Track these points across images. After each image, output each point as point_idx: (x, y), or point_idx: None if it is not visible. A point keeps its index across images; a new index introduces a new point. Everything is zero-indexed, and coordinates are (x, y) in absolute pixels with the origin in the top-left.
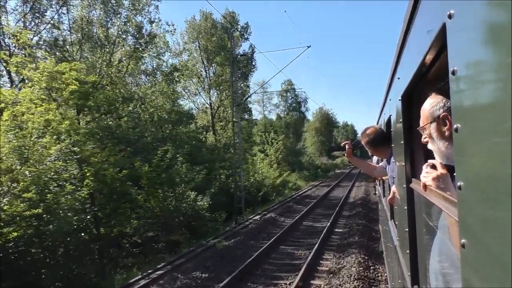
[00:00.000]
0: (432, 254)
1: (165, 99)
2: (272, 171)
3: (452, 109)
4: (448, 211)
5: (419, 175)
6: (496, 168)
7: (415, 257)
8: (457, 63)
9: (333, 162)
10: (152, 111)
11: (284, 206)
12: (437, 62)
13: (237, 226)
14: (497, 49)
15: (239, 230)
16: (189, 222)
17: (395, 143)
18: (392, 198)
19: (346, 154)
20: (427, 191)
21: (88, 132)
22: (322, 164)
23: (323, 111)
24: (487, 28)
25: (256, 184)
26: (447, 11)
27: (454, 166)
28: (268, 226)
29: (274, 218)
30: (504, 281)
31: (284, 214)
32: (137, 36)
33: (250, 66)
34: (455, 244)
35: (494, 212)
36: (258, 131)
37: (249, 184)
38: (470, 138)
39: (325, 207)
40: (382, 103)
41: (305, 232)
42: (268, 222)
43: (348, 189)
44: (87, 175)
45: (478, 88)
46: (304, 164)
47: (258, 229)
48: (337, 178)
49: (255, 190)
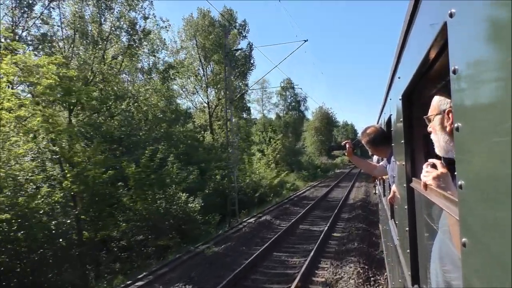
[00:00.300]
0: (433, 254)
1: (159, 97)
2: (269, 171)
3: (453, 108)
4: (449, 210)
5: (420, 174)
6: (497, 167)
7: (415, 256)
8: (458, 62)
9: (333, 161)
10: (146, 109)
11: (281, 208)
12: (438, 61)
13: (230, 230)
14: (498, 48)
15: (231, 234)
16: (180, 226)
17: (396, 142)
18: (393, 197)
19: (347, 153)
20: (427, 190)
21: (66, 130)
22: (321, 164)
23: (323, 111)
24: (489, 26)
25: (253, 185)
26: (448, 10)
27: (453, 161)
28: (262, 230)
29: (270, 221)
30: (504, 280)
31: (280, 217)
32: (130, 32)
33: (248, 64)
34: (456, 244)
35: (495, 211)
36: (257, 131)
37: (245, 184)
38: (471, 137)
39: (323, 209)
40: (383, 102)
41: (301, 237)
42: (263, 226)
43: (348, 190)
44: (68, 176)
45: (479, 87)
46: (304, 164)
47: (252, 233)
48: (336, 178)
49: (251, 191)
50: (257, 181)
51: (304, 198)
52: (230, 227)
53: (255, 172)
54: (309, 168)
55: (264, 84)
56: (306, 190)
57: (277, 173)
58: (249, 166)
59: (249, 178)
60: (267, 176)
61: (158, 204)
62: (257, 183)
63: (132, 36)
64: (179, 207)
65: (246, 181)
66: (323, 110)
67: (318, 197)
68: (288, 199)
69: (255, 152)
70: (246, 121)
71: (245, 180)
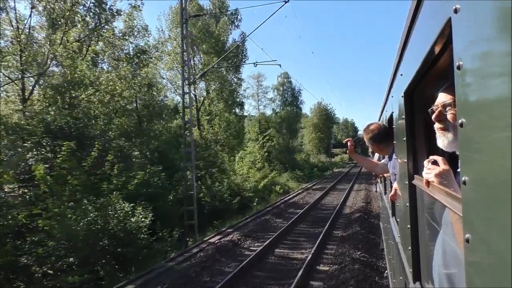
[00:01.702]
0: (435, 251)
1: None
2: (254, 172)
3: (457, 104)
4: (452, 207)
5: (421, 171)
6: (501, 163)
7: (417, 254)
8: (462, 57)
9: (331, 160)
10: (108, 99)
11: (260, 220)
12: (441, 57)
13: (178, 256)
14: (503, 44)
15: (173, 266)
16: (116, 248)
17: (397, 140)
18: (394, 195)
19: (349, 152)
20: (430, 187)
21: None
22: (319, 162)
23: (321, 106)
24: (494, 22)
25: (233, 188)
26: (452, 6)
27: (453, 157)
28: (220, 259)
29: (236, 243)
30: (507, 277)
31: (254, 235)
32: (97, 12)
33: (241, 56)
34: (459, 241)
35: (498, 208)
36: (253, 127)
37: (221, 189)
38: (476, 133)
39: (312, 222)
40: (384, 100)
41: (272, 271)
42: (224, 250)
43: (345, 193)
44: None
45: (484, 83)
46: (300, 163)
47: (205, 263)
48: (334, 178)
49: (229, 196)
50: (240, 183)
51: (292, 205)
52: (184, 250)
53: (238, 173)
54: (306, 167)
55: (259, 78)
56: (297, 194)
57: (264, 173)
58: (229, 166)
59: (228, 181)
60: (252, 177)
61: (91, 219)
62: (239, 187)
63: (99, 16)
64: (119, 221)
65: (224, 185)
66: (322, 106)
67: (309, 204)
68: (273, 206)
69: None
70: (240, 117)
71: (222, 183)
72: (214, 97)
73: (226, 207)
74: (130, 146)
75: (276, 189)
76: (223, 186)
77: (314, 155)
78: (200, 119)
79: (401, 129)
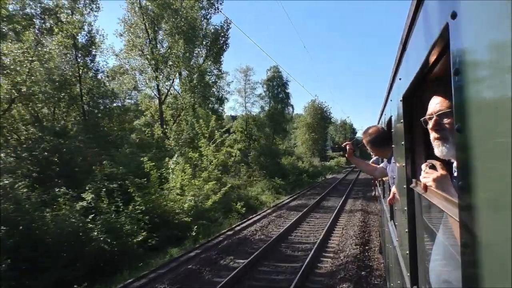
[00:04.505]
0: (433, 255)
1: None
2: (199, 183)
3: (454, 109)
4: (450, 211)
5: (420, 176)
6: (498, 168)
7: (415, 257)
8: (460, 63)
9: (326, 163)
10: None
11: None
12: (439, 62)
13: None
14: (500, 50)
15: None
16: None
17: (396, 144)
18: (392, 198)
19: (347, 155)
20: (427, 192)
21: None
22: (310, 166)
23: (315, 105)
24: (491, 28)
25: (157, 212)
26: (450, 11)
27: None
28: None
29: None
30: (505, 281)
31: None
32: None
33: (221, 43)
34: (457, 245)
35: (496, 212)
36: (238, 126)
37: (119, 217)
38: (472, 138)
39: None
40: (383, 103)
41: None
42: None
43: (332, 217)
44: None
45: (481, 88)
46: (286, 167)
47: None
48: (323, 189)
49: (141, 228)
50: (169, 204)
51: (241, 244)
52: None
53: (170, 186)
54: (294, 173)
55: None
56: (261, 217)
57: (220, 185)
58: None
59: (148, 199)
60: (189, 191)
61: None
62: (167, 210)
63: None
64: None
65: (142, 208)
66: (316, 104)
67: (269, 241)
68: (207, 245)
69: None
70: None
71: (135, 204)
72: (182, 88)
73: (127, 249)
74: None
75: (236, 207)
76: (134, 210)
77: (307, 158)
78: (162, 113)
79: (399, 133)
